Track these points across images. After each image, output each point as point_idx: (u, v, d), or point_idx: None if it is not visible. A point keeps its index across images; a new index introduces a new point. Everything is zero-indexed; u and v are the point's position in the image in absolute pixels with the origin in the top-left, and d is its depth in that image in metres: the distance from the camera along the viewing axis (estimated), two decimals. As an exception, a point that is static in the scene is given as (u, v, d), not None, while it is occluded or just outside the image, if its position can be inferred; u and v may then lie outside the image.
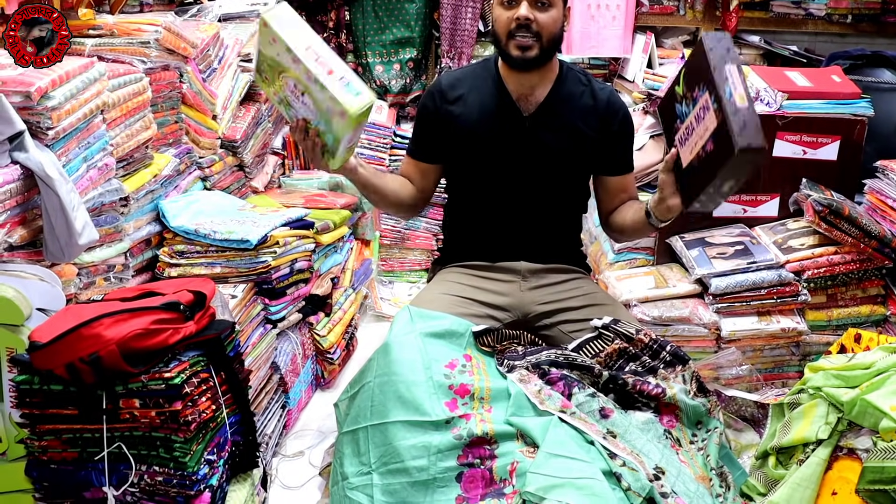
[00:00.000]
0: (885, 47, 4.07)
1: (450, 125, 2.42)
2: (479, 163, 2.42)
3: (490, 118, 2.39)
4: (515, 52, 2.28)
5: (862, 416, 1.98)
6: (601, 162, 2.50)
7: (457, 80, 2.45)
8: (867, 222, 3.05)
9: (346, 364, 3.33)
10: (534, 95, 2.39)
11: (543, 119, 2.40)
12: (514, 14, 2.25)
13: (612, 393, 2.15)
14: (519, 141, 2.40)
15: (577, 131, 2.42)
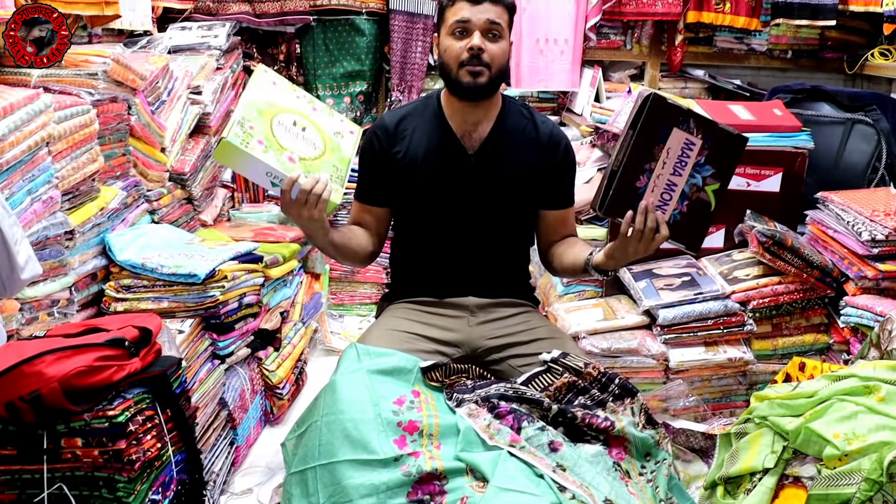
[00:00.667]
0: (824, 82, 4.17)
1: (395, 165, 2.40)
2: (425, 201, 2.41)
3: (435, 156, 2.38)
4: (467, 79, 2.27)
5: (806, 445, 2.00)
6: (544, 195, 2.51)
7: (399, 120, 2.43)
8: (809, 252, 3.10)
9: (296, 399, 3.29)
10: (477, 131, 2.39)
11: (488, 155, 2.40)
12: (466, 44, 2.25)
13: (562, 426, 2.15)
14: (464, 178, 2.39)
15: (521, 166, 2.42)
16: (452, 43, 2.29)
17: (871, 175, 3.66)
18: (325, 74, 4.20)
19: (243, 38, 4.07)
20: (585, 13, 4.11)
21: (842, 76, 4.33)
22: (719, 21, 4.13)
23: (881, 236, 2.92)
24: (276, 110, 2.22)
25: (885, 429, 1.92)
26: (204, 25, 3.83)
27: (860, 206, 3.07)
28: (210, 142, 3.46)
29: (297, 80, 4.23)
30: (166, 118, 3.13)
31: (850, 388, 2.07)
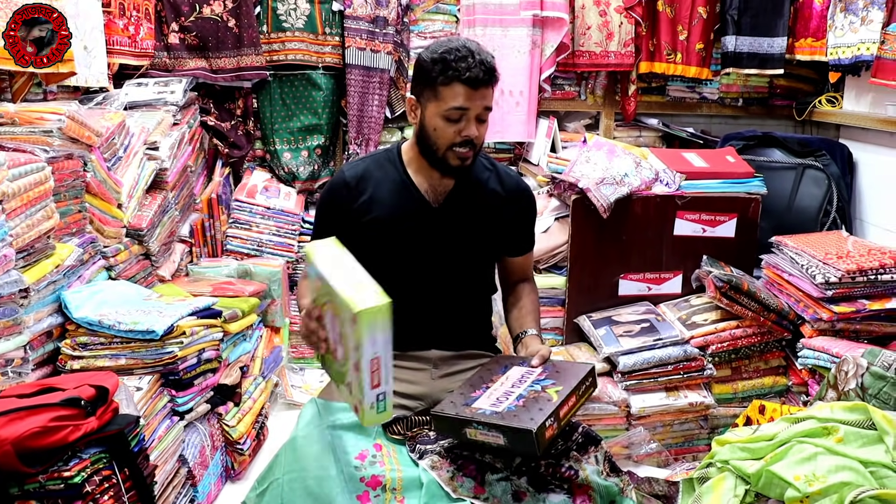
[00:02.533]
0: (775, 128, 4.27)
1: (356, 220, 2.37)
2: (387, 256, 2.39)
3: (399, 212, 2.36)
4: (455, 163, 2.27)
5: (768, 487, 2.01)
6: (508, 244, 2.53)
7: (361, 174, 2.39)
8: (766, 296, 3.15)
9: (257, 454, 3.25)
10: (440, 185, 2.40)
11: (453, 210, 2.40)
12: (460, 129, 2.23)
13: (526, 476, 2.14)
14: (429, 233, 2.39)
15: (486, 218, 2.44)
16: (445, 127, 2.24)
17: (824, 218, 3.73)
18: (282, 129, 4.21)
19: (200, 93, 4.08)
20: (540, 65, 4.18)
21: (791, 122, 4.43)
22: (671, 71, 4.21)
23: (834, 279, 2.97)
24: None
25: (844, 469, 1.94)
26: (160, 81, 3.84)
27: (813, 250, 3.12)
28: (167, 197, 3.45)
29: (255, 134, 4.24)
30: (123, 174, 3.11)
31: (810, 429, 2.09)
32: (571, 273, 3.52)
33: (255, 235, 4.05)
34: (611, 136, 4.35)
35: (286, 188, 4.24)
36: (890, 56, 3.28)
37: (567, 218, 3.59)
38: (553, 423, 1.98)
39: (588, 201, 3.37)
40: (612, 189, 3.37)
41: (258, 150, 4.30)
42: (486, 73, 2.21)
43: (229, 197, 4.12)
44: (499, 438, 1.96)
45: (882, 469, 1.94)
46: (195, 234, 3.90)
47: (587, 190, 3.36)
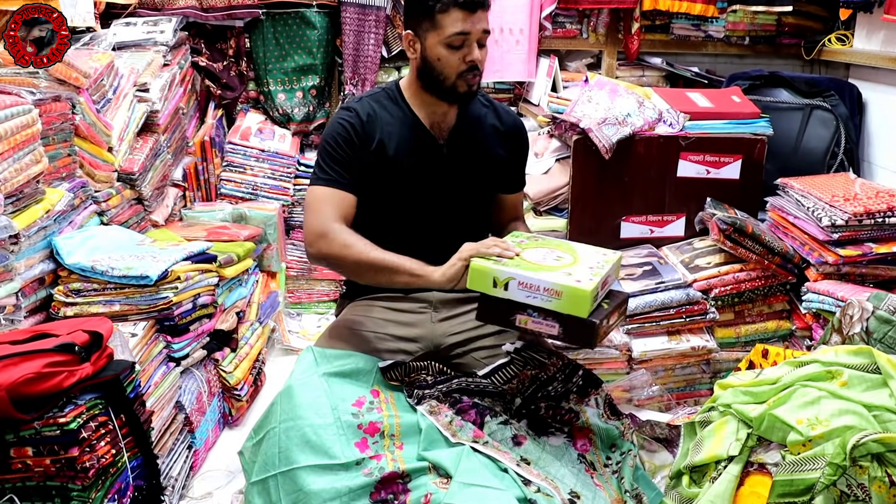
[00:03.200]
0: (782, 67, 4.23)
1: (368, 154, 2.35)
2: (395, 193, 2.39)
3: (408, 148, 2.37)
4: (464, 88, 2.30)
5: (770, 431, 2.03)
6: (506, 181, 2.56)
7: (370, 110, 2.39)
8: (770, 239, 3.14)
9: (255, 400, 3.28)
10: (445, 121, 2.41)
11: (459, 144, 2.42)
12: (464, 55, 2.26)
13: (525, 419, 2.17)
14: (437, 168, 2.40)
15: (489, 153, 2.47)
16: (449, 55, 2.26)
17: (831, 160, 3.72)
18: (275, 69, 4.17)
19: (190, 33, 4.03)
20: (540, 2, 4.12)
21: (799, 62, 4.38)
22: (676, 8, 4.16)
23: (841, 221, 2.97)
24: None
25: (847, 413, 1.95)
26: (149, 21, 3.79)
27: (820, 192, 3.11)
28: (160, 140, 3.43)
29: (248, 75, 4.20)
30: (113, 117, 3.09)
31: (813, 373, 2.10)
32: (572, 215, 3.51)
33: (249, 179, 4.04)
34: (613, 75, 4.31)
35: (281, 130, 4.22)
36: (902, -9, 3.24)
37: (568, 159, 3.57)
38: (606, 324, 2.01)
39: (590, 142, 3.35)
40: (614, 129, 3.35)
41: (251, 91, 4.26)
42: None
43: (223, 140, 4.10)
44: (553, 328, 1.97)
45: (886, 413, 1.95)
46: (188, 178, 3.89)
47: (589, 130, 3.34)
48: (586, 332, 1.96)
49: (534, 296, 1.98)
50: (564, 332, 1.97)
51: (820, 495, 1.86)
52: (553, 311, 1.97)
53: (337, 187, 2.33)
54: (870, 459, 1.88)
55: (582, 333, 1.97)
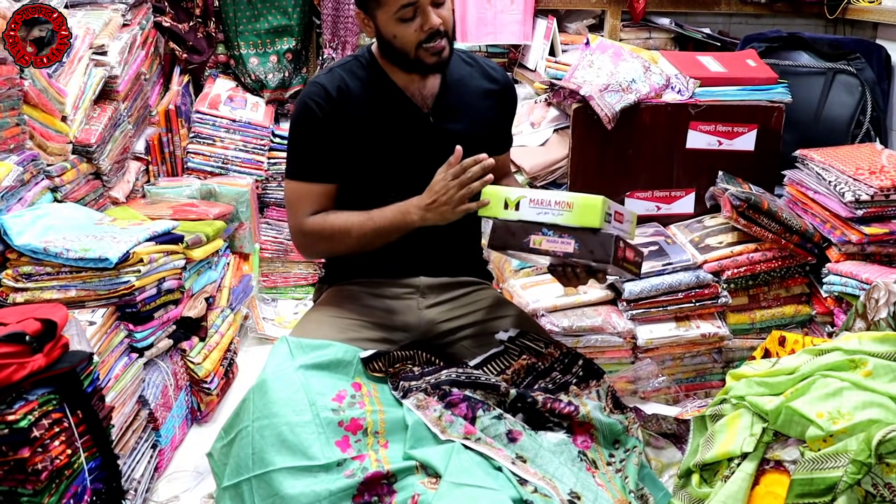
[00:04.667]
0: (803, 28, 4.21)
1: (343, 134, 2.33)
2: (379, 169, 2.37)
3: (389, 119, 2.35)
4: (431, 60, 2.26)
5: (788, 426, 2.03)
6: (497, 142, 2.56)
7: (340, 84, 2.34)
8: (788, 216, 3.14)
9: (226, 394, 3.28)
10: (427, 86, 2.38)
11: (444, 110, 2.40)
12: (419, 24, 2.21)
13: (521, 413, 2.16)
14: (422, 138, 2.37)
15: (478, 116, 2.45)
16: (403, 29, 2.23)
17: (856, 130, 3.71)
18: (247, 31, 4.14)
19: (155, -7, 4.01)
20: (538, -44, 4.11)
21: (822, 21, 4.37)
22: (686, -37, 4.15)
23: (866, 196, 2.97)
24: None
25: (872, 406, 1.95)
26: (107, -24, 3.76)
27: (843, 165, 3.11)
28: (119, 108, 3.40)
29: (217, 37, 4.17)
30: (66, 82, 3.07)
31: (835, 362, 2.09)
32: (572, 190, 3.50)
33: (219, 151, 4.02)
34: (617, 37, 4.29)
35: (253, 98, 4.20)
36: (933, -56, 3.22)
37: (567, 129, 3.56)
38: (623, 247, 2.11)
39: (591, 110, 3.34)
40: (617, 97, 3.34)
41: (221, 55, 4.24)
42: None
43: (189, 108, 4.07)
44: (568, 245, 2.08)
45: (914, 405, 1.95)
46: (152, 151, 3.88)
47: (590, 98, 3.33)
48: (604, 245, 2.07)
49: (546, 211, 2.11)
50: (580, 247, 2.08)
51: (843, 495, 1.86)
52: (567, 227, 2.10)
53: (309, 180, 2.36)
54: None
55: (599, 247, 2.08)
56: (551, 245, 2.10)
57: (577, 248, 2.08)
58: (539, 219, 2.12)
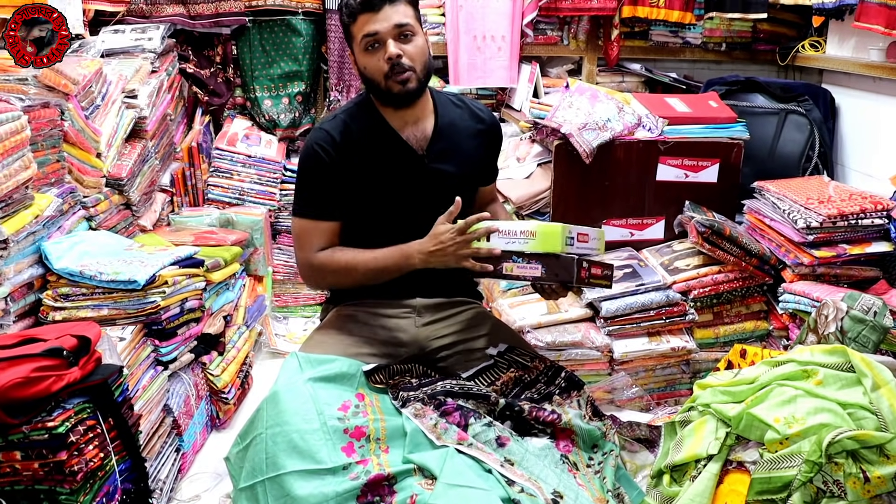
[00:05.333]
0: (757, 73, 4.24)
1: (347, 176, 2.33)
2: (378, 207, 2.37)
3: (387, 162, 2.34)
4: (397, 88, 2.25)
5: (748, 430, 2.03)
6: (482, 176, 2.57)
7: (342, 128, 2.35)
8: (748, 241, 3.15)
9: (242, 403, 3.26)
10: (420, 129, 2.38)
11: (437, 152, 2.39)
12: (382, 55, 2.22)
13: (509, 420, 2.16)
14: (418, 179, 2.37)
15: (468, 155, 2.45)
16: (369, 59, 2.25)
17: (806, 164, 3.73)
18: (262, 76, 4.15)
19: (178, 40, 4.01)
20: (522, 10, 4.12)
21: (774, 68, 4.40)
22: (654, 15, 4.17)
23: (816, 223, 2.98)
24: None
25: (823, 411, 1.96)
26: (137, 28, 3.77)
27: (795, 195, 3.12)
28: (147, 145, 3.41)
29: (235, 81, 4.18)
30: (101, 123, 3.07)
31: (790, 373, 2.10)
32: (554, 219, 3.51)
33: (236, 184, 4.02)
34: (593, 81, 4.31)
35: (267, 136, 4.20)
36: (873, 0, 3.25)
37: (549, 164, 3.57)
38: (587, 267, 2.14)
39: (571, 147, 3.35)
40: (594, 134, 3.36)
41: (238, 97, 4.24)
42: None
43: (210, 145, 4.08)
44: (536, 269, 2.10)
45: (860, 411, 1.96)
46: (176, 184, 3.87)
47: (570, 135, 3.34)
48: (567, 268, 2.09)
49: (513, 240, 2.13)
50: (547, 271, 2.10)
51: (797, 492, 1.87)
52: (533, 253, 2.11)
53: (315, 218, 2.37)
54: (845, 456, 1.89)
55: (563, 270, 2.10)
56: (521, 271, 2.12)
57: (543, 272, 2.10)
58: (508, 247, 2.13)
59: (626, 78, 4.41)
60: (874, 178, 3.54)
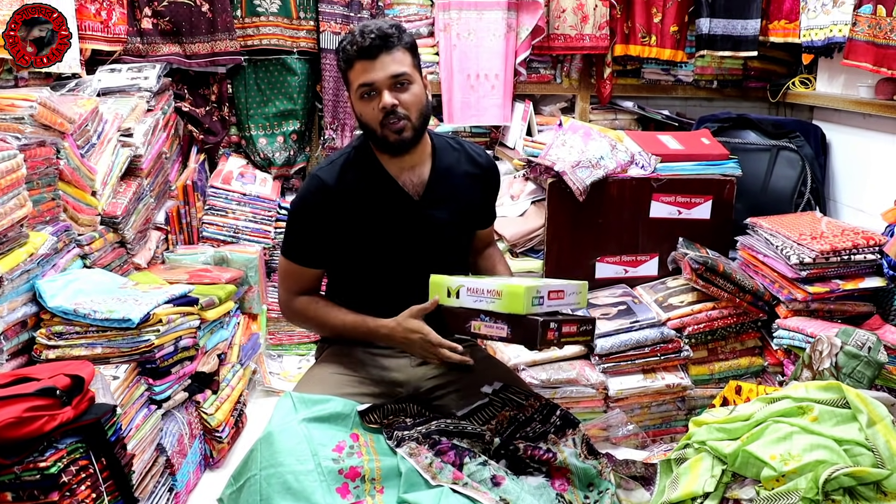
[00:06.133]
0: (749, 110, 4.28)
1: (341, 223, 2.33)
2: (373, 252, 2.37)
3: (383, 208, 2.34)
4: (392, 137, 2.24)
5: (745, 467, 2.03)
6: (480, 220, 2.57)
7: (338, 175, 2.34)
8: (741, 277, 3.16)
9: (236, 442, 3.24)
10: (416, 175, 2.37)
11: (433, 198, 2.38)
12: (377, 104, 2.21)
13: (504, 459, 2.15)
14: (412, 225, 2.36)
15: (464, 200, 2.44)
16: (364, 107, 2.25)
17: (798, 199, 3.75)
18: (257, 114, 4.17)
19: (174, 79, 4.03)
20: (515, 48, 4.16)
21: (766, 104, 4.44)
22: (646, 54, 4.21)
23: (809, 259, 2.99)
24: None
25: (819, 448, 1.95)
26: (134, 67, 3.78)
27: (788, 231, 3.14)
28: (143, 184, 3.41)
29: (230, 120, 4.20)
30: (97, 161, 3.08)
31: (785, 409, 2.10)
32: (548, 256, 3.52)
33: (231, 222, 4.02)
34: (586, 119, 4.34)
35: (262, 174, 4.21)
36: (861, 37, 3.29)
37: (543, 201, 3.59)
38: (555, 328, 2.09)
39: (564, 184, 3.37)
40: (587, 172, 3.37)
41: (233, 135, 4.26)
42: (376, 38, 2.19)
43: (205, 183, 4.08)
44: (502, 330, 2.08)
45: (856, 447, 1.96)
46: (171, 222, 3.87)
47: (563, 173, 3.36)
48: (530, 331, 2.05)
49: (480, 299, 2.13)
50: (512, 332, 2.08)
51: (794, 530, 1.86)
52: (500, 313, 2.10)
53: (300, 263, 2.40)
54: (841, 493, 1.88)
55: (526, 332, 2.07)
56: (488, 330, 2.12)
57: (509, 333, 2.09)
58: (476, 306, 2.14)
59: (618, 115, 4.44)
60: (866, 213, 3.56)
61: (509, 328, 2.08)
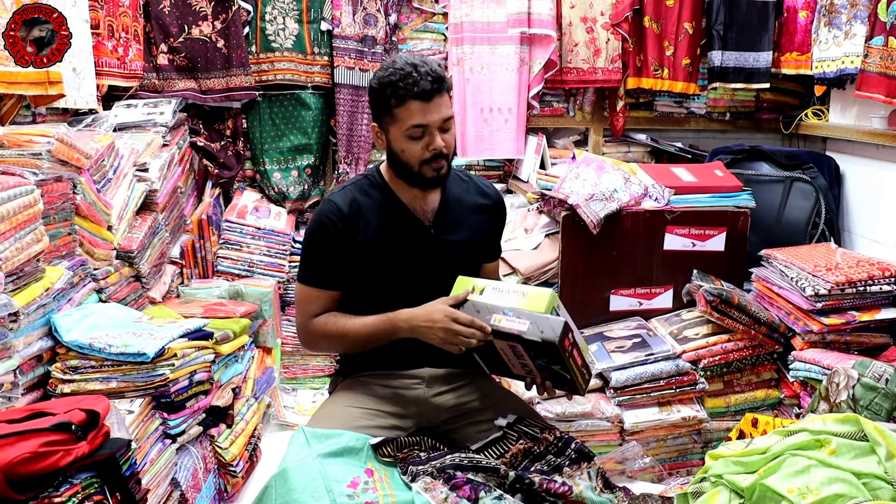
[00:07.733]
0: (762, 142, 4.28)
1: (355, 248, 2.35)
2: (385, 278, 2.39)
3: (396, 234, 2.37)
4: (431, 175, 2.29)
5: (762, 501, 2.01)
6: (486, 252, 2.58)
7: (352, 201, 2.37)
8: (756, 309, 3.15)
9: (250, 476, 3.23)
10: (427, 203, 2.40)
11: (444, 224, 2.41)
12: (426, 144, 2.25)
13: (519, 493, 2.13)
14: (425, 251, 2.39)
15: (474, 229, 2.47)
16: (412, 145, 2.26)
17: (812, 231, 3.74)
18: (271, 149, 4.21)
19: (189, 114, 4.08)
20: (528, 82, 4.19)
21: (779, 136, 4.44)
22: (658, 87, 4.22)
23: (824, 291, 2.98)
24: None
25: (837, 481, 1.93)
26: (150, 102, 3.83)
27: (802, 262, 3.13)
28: (158, 218, 3.44)
29: (244, 154, 4.23)
30: (112, 196, 3.10)
31: (802, 442, 2.08)
32: (562, 289, 3.51)
33: (245, 256, 4.04)
34: (600, 151, 4.35)
35: (276, 208, 4.24)
36: (873, 69, 3.29)
37: (557, 235, 3.59)
38: (572, 339, 2.15)
39: (578, 217, 3.38)
40: (601, 205, 3.38)
41: (248, 170, 4.29)
42: (434, 81, 2.22)
43: (220, 218, 4.11)
44: (523, 324, 2.12)
45: (875, 480, 1.94)
46: (186, 256, 3.89)
47: (577, 206, 3.36)
48: (553, 327, 2.10)
49: (505, 298, 2.21)
50: (532, 326, 2.12)
51: (813, 566, 1.83)
52: (523, 310, 2.16)
53: (317, 286, 2.41)
54: (861, 528, 1.86)
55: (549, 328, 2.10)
56: (509, 323, 2.14)
57: (529, 327, 2.11)
58: (499, 303, 2.19)
59: (631, 148, 4.46)
60: (881, 244, 3.55)
61: (531, 323, 2.11)
